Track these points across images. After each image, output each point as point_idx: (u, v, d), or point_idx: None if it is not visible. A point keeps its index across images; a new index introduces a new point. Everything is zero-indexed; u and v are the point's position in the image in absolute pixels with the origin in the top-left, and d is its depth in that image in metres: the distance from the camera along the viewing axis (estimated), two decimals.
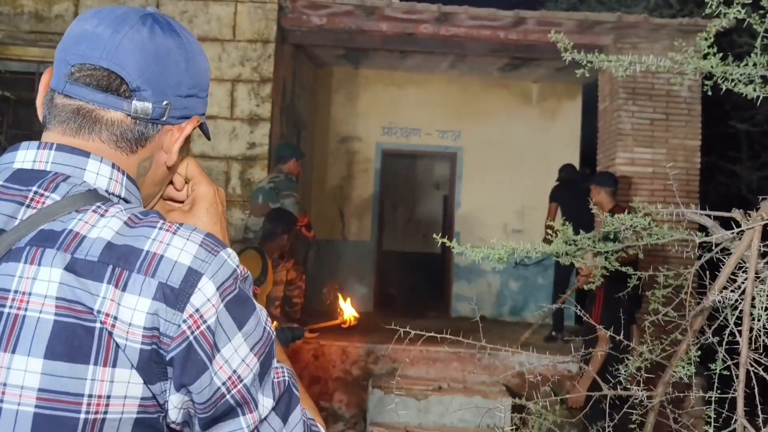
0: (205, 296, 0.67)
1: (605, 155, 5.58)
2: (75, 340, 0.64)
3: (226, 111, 5.24)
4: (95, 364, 0.64)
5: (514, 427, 2.15)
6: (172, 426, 0.70)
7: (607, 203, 4.22)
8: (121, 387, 0.65)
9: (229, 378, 0.68)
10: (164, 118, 0.78)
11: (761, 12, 2.38)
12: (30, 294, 0.65)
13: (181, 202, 0.89)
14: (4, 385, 0.63)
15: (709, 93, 2.45)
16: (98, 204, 0.70)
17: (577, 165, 7.95)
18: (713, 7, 2.36)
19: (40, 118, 0.79)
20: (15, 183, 0.71)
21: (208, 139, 0.92)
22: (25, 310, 0.64)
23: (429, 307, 7.74)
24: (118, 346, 0.64)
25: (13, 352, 0.63)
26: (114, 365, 0.64)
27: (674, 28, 5.11)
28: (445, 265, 8.13)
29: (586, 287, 2.28)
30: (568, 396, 2.49)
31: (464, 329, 2.51)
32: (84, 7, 5.34)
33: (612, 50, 5.47)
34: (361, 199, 7.84)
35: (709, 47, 2.65)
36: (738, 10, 2.39)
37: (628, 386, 1.67)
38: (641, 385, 1.77)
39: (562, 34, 2.92)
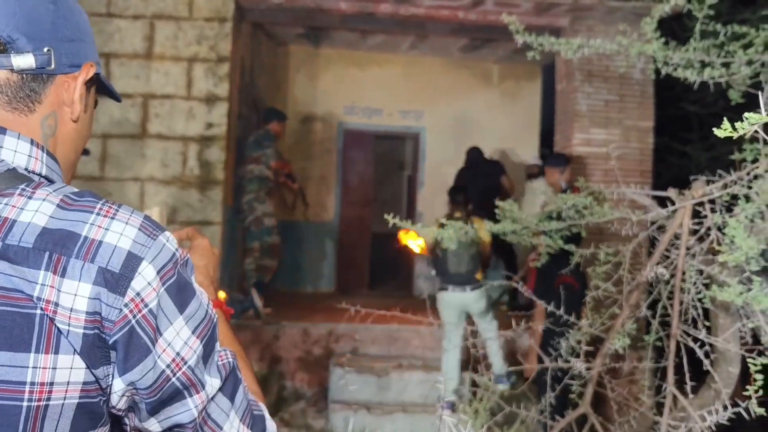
0: (146, 280, 0.67)
1: (562, 135, 5.68)
2: (15, 328, 0.63)
3: (183, 90, 5.14)
4: (36, 351, 0.63)
5: (470, 399, 2.21)
6: (114, 411, 0.70)
7: (560, 183, 4.32)
8: (64, 373, 0.65)
9: (173, 360, 0.69)
10: (52, 67, 0.74)
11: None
12: None
13: None
14: None
15: (652, 77, 2.52)
16: (23, 186, 0.68)
17: (537, 144, 8.11)
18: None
19: None
20: None
21: (117, 100, 0.91)
22: None
23: (392, 287, 7.82)
24: (60, 332, 0.64)
25: None
26: (56, 352, 0.64)
27: (629, 10, 5.21)
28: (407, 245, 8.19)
29: (532, 264, 2.35)
30: (521, 368, 2.57)
31: (424, 308, 2.56)
32: None
33: (569, 32, 5.55)
34: (324, 180, 7.82)
35: (655, 31, 2.72)
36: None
37: (568, 359, 1.74)
38: (585, 357, 1.84)
39: (515, 17, 2.96)
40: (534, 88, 7.83)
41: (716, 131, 0.89)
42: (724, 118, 0.87)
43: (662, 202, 2.00)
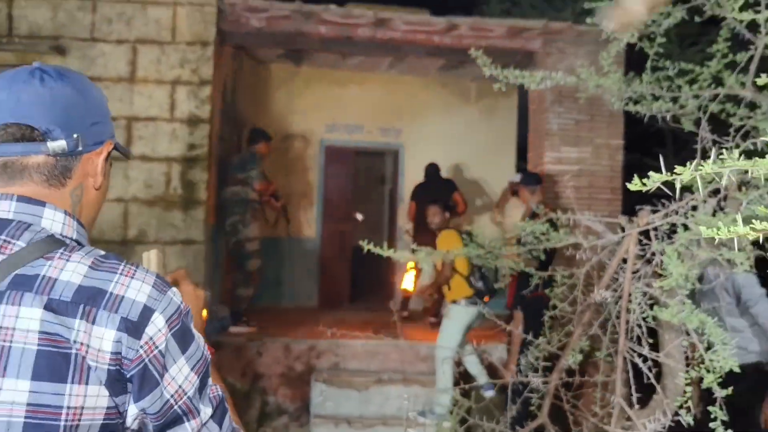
0: (157, 327, 0.86)
1: (535, 153, 5.88)
2: (55, 364, 0.81)
3: (166, 113, 5.26)
4: (71, 382, 0.81)
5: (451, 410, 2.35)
6: (127, 429, 0.88)
7: (530, 201, 4.50)
8: (92, 400, 0.82)
9: (176, 392, 0.87)
10: (80, 149, 0.93)
11: (651, 36, 2.66)
12: (14, 329, 0.81)
13: None
14: None
15: (611, 107, 2.70)
16: (61, 251, 0.87)
17: (514, 160, 8.32)
18: (608, 36, 2.61)
19: None
20: None
21: (127, 157, 1.09)
22: (11, 342, 0.81)
23: (374, 301, 7.94)
24: (90, 367, 0.82)
25: (3, 376, 0.80)
26: (87, 383, 0.82)
27: (597, 34, 5.43)
28: (389, 259, 8.33)
29: (496, 285, 2.51)
30: (499, 381, 2.72)
31: (405, 322, 2.70)
32: (18, 8, 5.26)
33: (541, 54, 5.77)
34: (305, 196, 7.95)
35: (611, 65, 2.91)
36: (632, 35, 2.66)
37: (527, 374, 1.89)
38: (543, 372, 2.00)
39: (482, 52, 3.12)
40: (511, 104, 8.04)
41: (628, 185, 1.05)
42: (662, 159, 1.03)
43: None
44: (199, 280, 4.83)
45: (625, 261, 1.92)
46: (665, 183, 1.00)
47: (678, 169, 0.96)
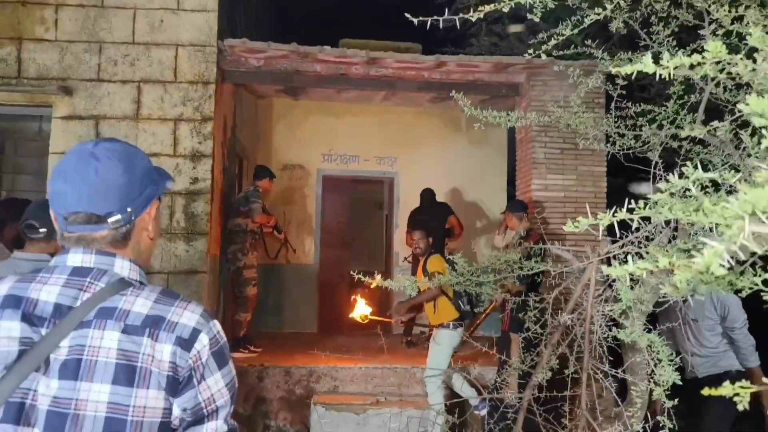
0: (202, 344, 1.16)
1: (522, 181, 6.13)
2: (128, 373, 1.10)
3: (169, 149, 5.52)
4: (138, 387, 1.10)
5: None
6: (172, 426, 1.15)
7: (518, 228, 4.73)
8: (153, 401, 1.10)
9: (208, 398, 1.16)
10: (133, 217, 1.23)
11: (615, 78, 2.91)
12: (99, 347, 1.11)
13: None
14: (87, 401, 1.09)
15: (583, 145, 2.93)
16: (131, 289, 1.18)
17: (505, 186, 8.58)
18: (576, 78, 2.86)
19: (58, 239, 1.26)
20: (76, 276, 1.18)
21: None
22: (97, 357, 1.10)
23: (372, 325, 8.11)
24: (152, 374, 1.11)
25: (91, 381, 1.09)
26: (148, 387, 1.10)
27: (577, 67, 5.72)
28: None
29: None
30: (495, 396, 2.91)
31: (401, 346, 2.92)
32: (27, 51, 5.55)
33: (525, 86, 6.05)
34: (304, 224, 8.19)
35: (580, 105, 3.15)
36: (597, 78, 2.90)
37: (500, 391, 2.11)
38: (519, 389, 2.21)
39: (464, 97, 3.37)
40: (501, 133, 8.32)
41: (566, 227, 1.27)
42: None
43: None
44: None
45: (588, 286, 2.14)
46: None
47: (620, 212, 1.19)
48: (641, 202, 1.15)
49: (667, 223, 2.18)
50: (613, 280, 2.20)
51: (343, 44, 6.40)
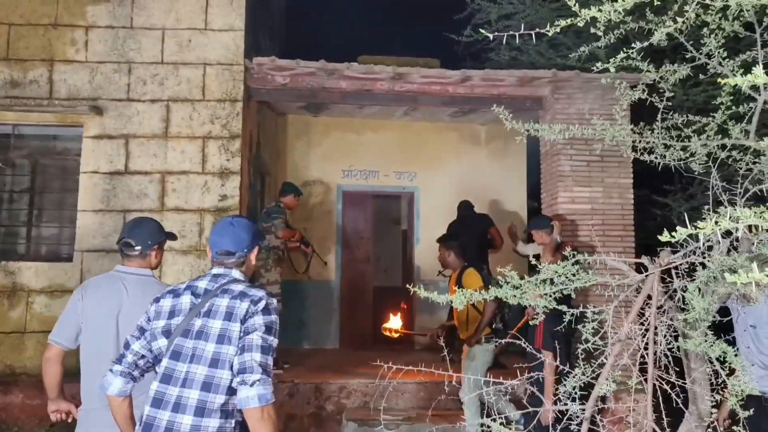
0: (264, 303, 2.20)
1: (548, 194, 6.12)
2: (229, 316, 2.16)
3: (198, 166, 5.57)
4: (233, 321, 2.15)
5: None
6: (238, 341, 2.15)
7: (549, 242, 4.70)
8: (237, 327, 2.13)
9: (252, 339, 2.11)
10: (246, 252, 2.39)
11: (660, 90, 2.92)
12: (219, 305, 2.20)
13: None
14: (212, 327, 2.15)
15: (624, 155, 2.93)
16: (238, 282, 2.29)
17: (525, 200, 8.58)
18: (613, 84, 2.87)
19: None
20: (215, 279, 2.31)
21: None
22: (218, 309, 2.19)
23: (394, 340, 8.09)
24: (237, 316, 2.16)
25: (215, 319, 2.17)
26: (236, 321, 2.15)
27: (619, 79, 5.74)
28: (410, 297, 8.52)
29: (531, 322, 2.71)
30: (534, 412, 2.87)
31: (427, 360, 2.92)
32: (58, 73, 5.63)
33: (550, 100, 6.07)
34: (325, 240, 8.21)
35: (623, 118, 3.14)
36: (643, 89, 2.91)
37: (566, 402, 2.09)
38: (580, 400, 2.19)
39: (492, 111, 3.38)
40: (520, 147, 8.32)
41: (661, 237, 1.27)
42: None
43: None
44: None
45: (650, 297, 2.14)
46: (682, 216, 1.23)
47: (700, 224, 1.20)
48: (746, 211, 1.15)
49: (728, 233, 2.17)
50: (674, 291, 2.19)
51: (361, 61, 6.46)
